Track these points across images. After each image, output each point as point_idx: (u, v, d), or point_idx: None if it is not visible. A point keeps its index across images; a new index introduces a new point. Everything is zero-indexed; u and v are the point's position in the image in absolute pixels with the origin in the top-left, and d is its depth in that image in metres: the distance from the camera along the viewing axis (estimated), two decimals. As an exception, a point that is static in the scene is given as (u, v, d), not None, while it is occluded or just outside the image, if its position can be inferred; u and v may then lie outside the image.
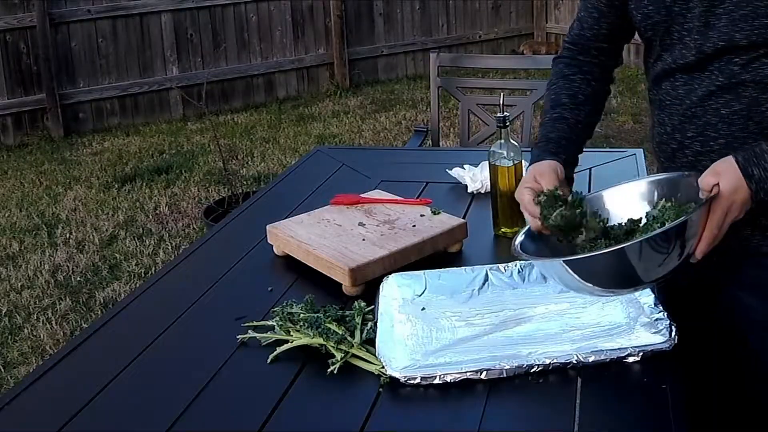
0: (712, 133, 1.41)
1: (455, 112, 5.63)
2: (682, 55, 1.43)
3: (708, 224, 1.27)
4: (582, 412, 1.22)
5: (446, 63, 3.38)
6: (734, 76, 1.37)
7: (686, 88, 1.44)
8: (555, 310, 1.51)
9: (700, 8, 1.38)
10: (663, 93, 1.50)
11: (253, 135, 5.98)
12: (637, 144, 5.16)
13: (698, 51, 1.40)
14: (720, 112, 1.40)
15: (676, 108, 1.47)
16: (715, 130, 1.41)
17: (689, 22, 1.40)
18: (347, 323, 1.45)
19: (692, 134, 1.45)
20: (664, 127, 1.51)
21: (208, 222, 3.87)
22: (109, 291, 3.66)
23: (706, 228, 1.26)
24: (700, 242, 1.27)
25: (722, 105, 1.39)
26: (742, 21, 1.34)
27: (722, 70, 1.38)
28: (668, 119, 1.50)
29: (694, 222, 1.25)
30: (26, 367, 3.10)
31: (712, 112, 1.41)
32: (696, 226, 1.25)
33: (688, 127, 1.45)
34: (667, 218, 1.31)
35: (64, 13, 6.06)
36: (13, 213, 4.68)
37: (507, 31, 7.96)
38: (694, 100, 1.43)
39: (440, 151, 3.32)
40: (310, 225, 1.85)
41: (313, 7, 7.01)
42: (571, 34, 1.70)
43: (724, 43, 1.36)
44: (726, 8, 1.35)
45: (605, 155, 2.43)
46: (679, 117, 1.47)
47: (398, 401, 1.30)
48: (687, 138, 1.46)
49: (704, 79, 1.41)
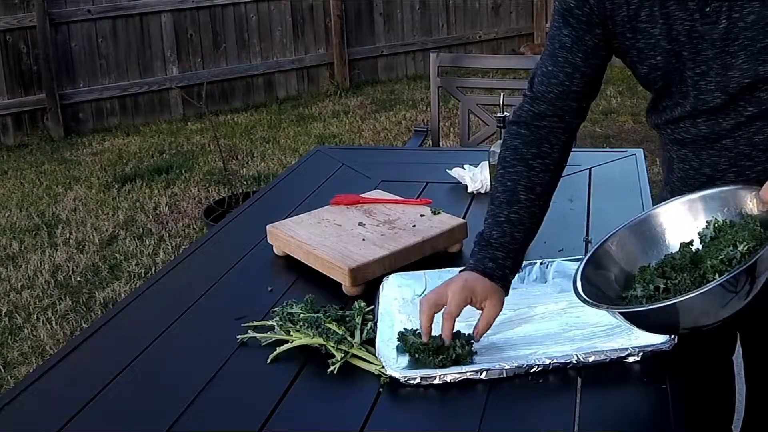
0: (747, 162, 1.35)
1: (455, 112, 5.63)
2: (704, 101, 1.33)
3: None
4: (582, 412, 1.22)
5: (446, 63, 3.37)
6: (763, 103, 1.30)
7: (710, 123, 1.36)
8: (555, 309, 1.51)
9: (712, 51, 1.29)
10: (681, 131, 1.41)
11: (253, 135, 5.98)
12: (637, 144, 5.15)
13: (723, 92, 1.31)
14: (753, 140, 1.33)
15: (701, 143, 1.39)
16: (749, 158, 1.34)
17: (700, 66, 1.31)
18: (347, 323, 1.45)
19: (724, 167, 1.37)
20: (689, 163, 1.43)
21: (208, 222, 3.87)
22: (109, 291, 3.66)
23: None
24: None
25: (754, 133, 1.32)
26: (762, 53, 1.26)
27: (749, 101, 1.31)
28: (693, 154, 1.41)
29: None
30: (26, 367, 3.09)
31: (745, 142, 1.34)
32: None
33: (718, 160, 1.38)
34: (741, 239, 1.22)
35: (64, 13, 6.06)
36: (13, 213, 4.68)
37: (507, 31, 7.96)
38: (722, 133, 1.35)
39: (440, 151, 3.32)
40: (310, 225, 1.85)
41: (313, 7, 7.01)
42: (533, 89, 1.48)
43: (749, 79, 1.28)
44: (741, 44, 1.27)
45: (605, 155, 2.43)
46: (707, 152, 1.39)
47: (398, 401, 1.30)
48: (719, 171, 1.38)
49: (730, 113, 1.33)
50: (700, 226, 1.34)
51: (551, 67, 1.44)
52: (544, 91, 1.46)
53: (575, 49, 1.41)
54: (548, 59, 1.45)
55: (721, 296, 1.15)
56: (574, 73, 1.42)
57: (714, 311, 1.18)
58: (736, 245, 1.22)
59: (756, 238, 1.21)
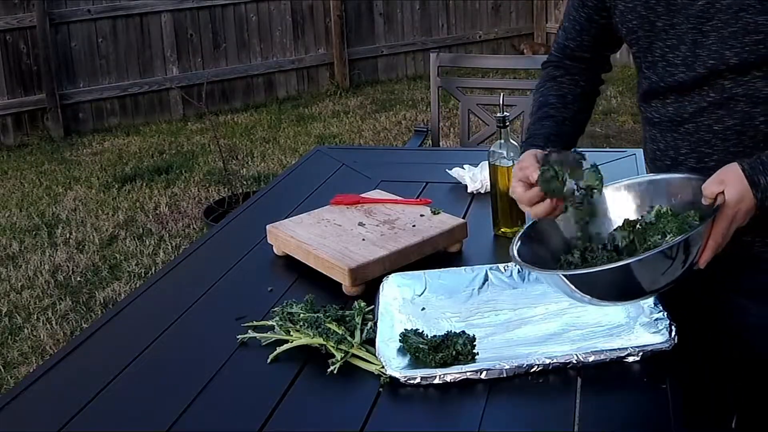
0: (706, 149, 1.39)
1: (455, 112, 5.63)
2: (669, 73, 1.40)
3: (712, 233, 1.23)
4: (582, 412, 1.22)
5: (446, 63, 3.37)
6: (725, 91, 1.34)
7: (676, 105, 1.41)
8: (555, 309, 1.51)
9: (686, 25, 1.34)
10: (653, 110, 1.48)
11: (253, 135, 5.98)
12: (636, 144, 5.15)
13: (688, 69, 1.36)
14: (713, 128, 1.37)
15: (666, 125, 1.45)
16: (709, 146, 1.39)
17: (672, 39, 1.37)
18: (347, 323, 1.45)
19: (686, 151, 1.42)
20: (657, 144, 1.49)
21: (208, 222, 3.88)
22: (109, 291, 3.66)
23: (711, 237, 1.23)
24: (704, 252, 1.24)
25: (714, 121, 1.37)
26: (731, 38, 1.30)
27: (713, 86, 1.35)
28: (660, 135, 1.48)
29: (700, 235, 1.23)
30: (26, 367, 3.10)
31: (705, 128, 1.38)
32: (700, 238, 1.23)
33: (681, 144, 1.43)
34: (669, 230, 1.28)
35: (64, 13, 6.06)
36: (13, 213, 4.68)
37: (507, 31, 7.96)
38: (686, 117, 1.40)
39: (440, 151, 3.32)
40: (310, 225, 1.85)
41: (313, 7, 7.01)
42: (556, 42, 1.67)
43: (714, 61, 1.32)
44: (714, 25, 1.31)
45: (605, 155, 2.43)
46: (671, 134, 1.44)
47: (398, 401, 1.30)
48: (681, 155, 1.43)
49: (694, 96, 1.38)
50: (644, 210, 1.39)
51: (566, 23, 1.62)
52: (563, 45, 1.64)
53: (580, 9, 1.56)
54: (565, 16, 1.62)
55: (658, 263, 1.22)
56: (582, 30, 1.59)
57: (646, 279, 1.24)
58: (665, 234, 1.29)
59: (683, 231, 1.27)
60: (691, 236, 1.21)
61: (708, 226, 1.23)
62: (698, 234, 1.22)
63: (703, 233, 1.23)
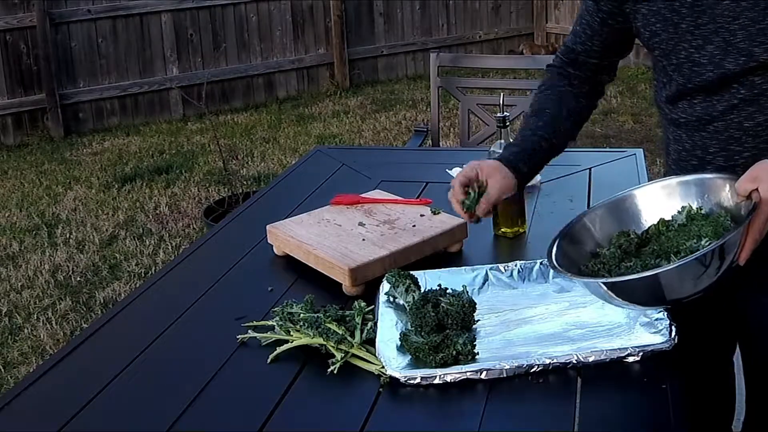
0: (737, 147, 1.38)
1: (455, 112, 5.63)
2: (696, 74, 1.38)
3: (750, 231, 1.21)
4: (582, 412, 1.22)
5: (446, 63, 3.38)
6: (755, 87, 1.33)
7: (705, 104, 1.40)
8: (555, 309, 1.51)
9: (713, 25, 1.33)
10: (679, 111, 1.45)
11: (253, 135, 5.98)
12: (637, 144, 5.15)
13: (716, 67, 1.34)
14: (743, 124, 1.36)
15: (694, 124, 1.43)
16: (739, 143, 1.37)
17: (697, 39, 1.36)
18: (347, 323, 1.45)
19: (715, 150, 1.41)
20: (683, 144, 1.47)
21: (208, 222, 3.87)
22: (109, 291, 3.66)
23: (749, 235, 1.22)
24: (743, 250, 1.22)
25: (745, 118, 1.35)
26: (760, 35, 1.29)
27: (743, 83, 1.34)
28: (687, 136, 1.45)
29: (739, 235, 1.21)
30: (26, 367, 3.10)
31: (735, 126, 1.37)
32: (740, 237, 1.21)
33: (709, 143, 1.41)
34: (704, 234, 1.27)
35: (64, 13, 6.06)
36: (13, 213, 4.68)
37: (507, 31, 7.96)
38: (715, 115, 1.39)
39: (440, 151, 3.32)
40: (310, 225, 1.85)
41: (313, 7, 7.01)
42: (564, 45, 1.67)
43: (744, 58, 1.31)
44: (742, 23, 1.30)
45: (605, 155, 2.43)
46: (699, 133, 1.42)
47: (398, 401, 1.30)
48: (709, 154, 1.42)
49: (724, 94, 1.36)
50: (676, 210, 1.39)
51: (578, 26, 1.61)
52: (571, 48, 1.64)
53: (594, 14, 1.55)
54: (578, 19, 1.61)
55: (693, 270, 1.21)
56: (594, 34, 1.58)
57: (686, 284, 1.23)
58: (699, 237, 1.28)
59: (718, 235, 1.27)
60: (730, 238, 1.19)
61: (746, 225, 1.21)
62: (738, 234, 1.21)
63: (742, 233, 1.22)
